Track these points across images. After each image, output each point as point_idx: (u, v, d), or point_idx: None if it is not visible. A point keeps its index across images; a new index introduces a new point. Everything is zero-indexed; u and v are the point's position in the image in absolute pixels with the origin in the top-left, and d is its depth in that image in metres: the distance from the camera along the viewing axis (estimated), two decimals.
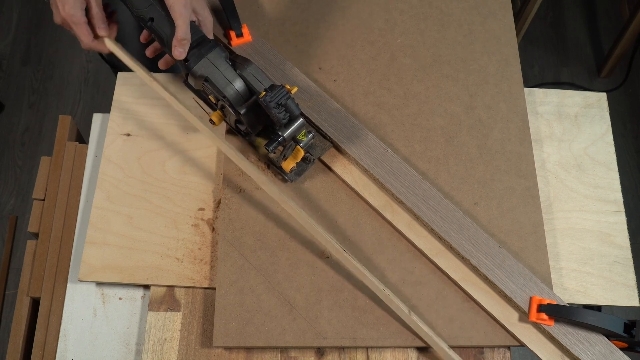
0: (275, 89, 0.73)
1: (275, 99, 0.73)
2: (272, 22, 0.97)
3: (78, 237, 0.87)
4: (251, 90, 0.76)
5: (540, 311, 0.75)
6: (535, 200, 0.85)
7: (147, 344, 0.78)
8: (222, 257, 0.80)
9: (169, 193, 0.86)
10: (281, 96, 0.73)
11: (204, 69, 0.75)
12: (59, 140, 0.96)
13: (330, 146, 0.86)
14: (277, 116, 0.74)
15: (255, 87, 0.75)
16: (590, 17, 2.12)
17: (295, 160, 0.81)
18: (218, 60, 0.76)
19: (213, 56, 0.75)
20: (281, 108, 0.74)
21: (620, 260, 0.85)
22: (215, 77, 0.75)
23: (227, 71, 0.75)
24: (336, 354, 0.79)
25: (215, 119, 0.81)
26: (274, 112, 0.73)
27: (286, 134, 0.76)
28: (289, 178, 0.84)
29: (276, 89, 0.73)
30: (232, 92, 0.76)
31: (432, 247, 0.80)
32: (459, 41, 0.96)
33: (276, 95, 0.73)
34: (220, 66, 0.75)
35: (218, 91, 0.76)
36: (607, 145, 0.93)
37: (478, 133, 0.89)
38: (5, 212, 1.77)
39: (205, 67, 0.75)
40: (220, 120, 0.82)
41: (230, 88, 0.76)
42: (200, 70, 0.75)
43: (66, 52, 2.00)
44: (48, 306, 0.84)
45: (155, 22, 0.77)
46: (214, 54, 0.76)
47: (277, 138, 0.76)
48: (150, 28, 0.78)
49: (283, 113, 0.74)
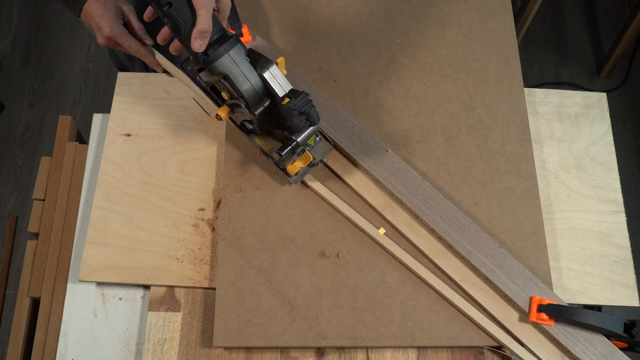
0: (298, 96, 0.71)
1: (299, 107, 0.71)
2: (272, 22, 0.97)
3: (78, 237, 0.87)
4: (269, 91, 0.73)
5: (540, 311, 0.75)
6: (535, 200, 0.84)
7: (147, 344, 0.78)
8: (222, 257, 0.80)
9: (169, 193, 0.86)
10: (304, 104, 0.71)
11: (224, 67, 0.70)
12: (59, 140, 0.96)
13: (332, 149, 0.85)
14: (297, 124, 0.72)
15: (275, 90, 0.72)
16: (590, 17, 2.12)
17: (303, 164, 0.81)
18: (239, 58, 0.71)
19: (235, 53, 0.70)
20: (302, 116, 0.72)
21: (620, 260, 0.85)
22: (235, 76, 0.71)
23: (248, 71, 0.71)
24: (336, 354, 0.79)
25: (223, 115, 0.78)
26: (296, 119, 0.72)
27: (300, 139, 0.75)
28: (293, 180, 0.83)
29: (300, 96, 0.71)
30: (250, 93, 0.72)
31: (432, 247, 0.80)
32: (459, 41, 0.96)
33: (300, 104, 0.71)
34: (241, 65, 0.71)
35: (236, 90, 0.72)
36: (607, 145, 0.93)
37: (478, 133, 0.89)
38: (5, 212, 1.77)
39: (226, 64, 0.70)
40: (227, 116, 0.79)
41: (249, 88, 0.71)
42: (221, 68, 0.70)
43: (66, 52, 1.99)
44: (48, 306, 0.84)
45: (173, 7, 0.69)
46: (236, 51, 0.70)
47: (290, 143, 0.74)
48: (166, 13, 0.70)
49: (304, 121, 0.73)
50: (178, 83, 0.94)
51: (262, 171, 0.86)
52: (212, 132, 0.91)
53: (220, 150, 0.89)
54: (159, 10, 0.70)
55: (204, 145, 0.90)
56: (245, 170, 0.86)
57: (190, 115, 0.92)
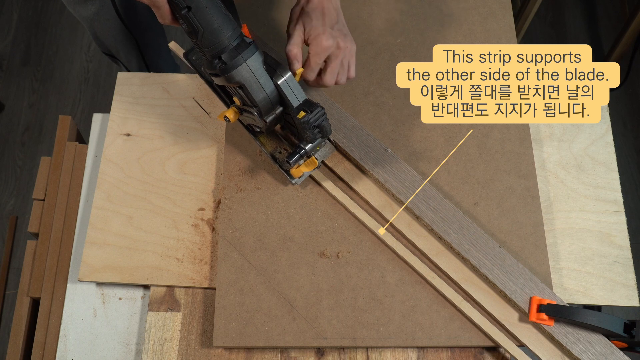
0: (314, 109, 0.71)
1: (313, 122, 0.71)
2: (272, 22, 0.97)
3: (78, 237, 0.87)
4: (282, 100, 0.72)
5: (540, 311, 0.75)
6: (535, 200, 0.84)
7: (147, 344, 0.78)
8: (222, 257, 0.80)
9: (169, 193, 0.86)
10: (319, 118, 0.71)
11: (241, 76, 0.68)
12: (59, 140, 0.96)
13: (333, 150, 0.85)
14: (310, 136, 0.72)
15: (289, 99, 0.71)
16: (590, 17, 2.12)
17: (307, 169, 0.81)
18: (257, 66, 0.69)
19: (252, 62, 0.68)
20: (316, 129, 0.72)
21: (620, 260, 0.85)
22: (250, 84, 0.69)
23: (264, 79, 0.69)
24: (336, 354, 0.78)
25: (231, 117, 0.77)
26: (309, 132, 0.72)
27: (308, 147, 0.75)
28: (294, 182, 0.83)
29: (315, 110, 0.71)
30: (265, 102, 0.71)
31: (432, 247, 0.80)
32: (459, 41, 0.96)
33: (315, 117, 0.71)
34: (257, 73, 0.69)
35: (251, 99, 0.71)
36: (607, 145, 0.93)
37: (478, 133, 0.89)
38: (5, 212, 1.77)
39: (243, 74, 0.68)
40: (236, 118, 0.78)
41: (263, 98, 0.71)
42: (238, 77, 0.68)
43: (66, 52, 1.99)
44: (48, 306, 0.84)
45: (192, 11, 0.66)
46: (254, 60, 0.68)
47: (299, 151, 0.74)
48: (183, 17, 0.67)
49: (317, 134, 0.73)
50: (178, 83, 0.94)
51: (262, 171, 0.86)
52: (212, 132, 0.91)
53: (220, 150, 0.89)
54: (176, 12, 0.67)
55: (203, 145, 0.90)
56: (245, 170, 0.86)
57: (190, 115, 0.92)
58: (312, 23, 0.72)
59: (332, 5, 0.75)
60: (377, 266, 0.80)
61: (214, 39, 0.67)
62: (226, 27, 0.67)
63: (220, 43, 0.67)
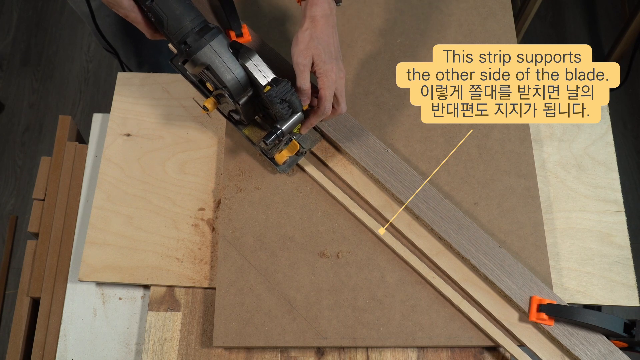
0: (280, 84, 0.72)
1: (280, 94, 0.72)
2: (272, 22, 0.97)
3: (78, 237, 0.87)
4: (252, 81, 0.74)
5: (540, 311, 0.75)
6: (535, 200, 0.84)
7: (147, 344, 0.78)
8: (222, 257, 0.80)
9: (169, 193, 0.86)
10: (286, 92, 0.72)
11: (206, 57, 0.72)
12: (59, 140, 0.96)
13: (320, 138, 0.86)
14: (280, 111, 0.73)
15: (257, 79, 0.73)
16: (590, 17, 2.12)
17: (290, 153, 0.82)
18: (221, 48, 0.72)
19: (216, 44, 0.72)
20: (285, 103, 0.73)
21: (620, 260, 0.85)
22: (217, 65, 0.72)
23: (230, 60, 0.73)
24: (336, 354, 0.78)
25: (209, 106, 0.80)
26: (278, 107, 0.73)
27: (284, 127, 0.75)
28: (281, 170, 0.84)
29: (281, 84, 0.72)
30: (233, 83, 0.74)
31: (432, 247, 0.80)
32: (459, 41, 0.96)
33: (281, 91, 0.72)
34: (222, 55, 0.72)
35: (219, 80, 0.74)
36: (607, 145, 0.93)
37: (478, 133, 0.89)
38: (5, 212, 1.77)
39: (207, 55, 0.72)
40: (214, 107, 0.80)
41: (231, 78, 0.73)
42: (202, 58, 0.72)
43: (66, 52, 1.99)
44: (48, 306, 0.84)
45: (155, 1, 0.71)
46: (217, 41, 0.72)
47: (275, 131, 0.75)
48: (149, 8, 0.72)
49: (286, 108, 0.74)
50: (178, 83, 0.94)
51: (262, 171, 0.86)
52: (212, 132, 0.91)
53: (220, 150, 0.89)
54: (142, 5, 0.72)
55: (203, 145, 0.90)
56: (245, 170, 0.86)
57: (190, 115, 0.92)
58: (322, 57, 0.75)
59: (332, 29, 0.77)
60: (377, 266, 0.80)
61: (178, 24, 0.72)
62: (188, 13, 0.72)
63: (184, 28, 0.72)
